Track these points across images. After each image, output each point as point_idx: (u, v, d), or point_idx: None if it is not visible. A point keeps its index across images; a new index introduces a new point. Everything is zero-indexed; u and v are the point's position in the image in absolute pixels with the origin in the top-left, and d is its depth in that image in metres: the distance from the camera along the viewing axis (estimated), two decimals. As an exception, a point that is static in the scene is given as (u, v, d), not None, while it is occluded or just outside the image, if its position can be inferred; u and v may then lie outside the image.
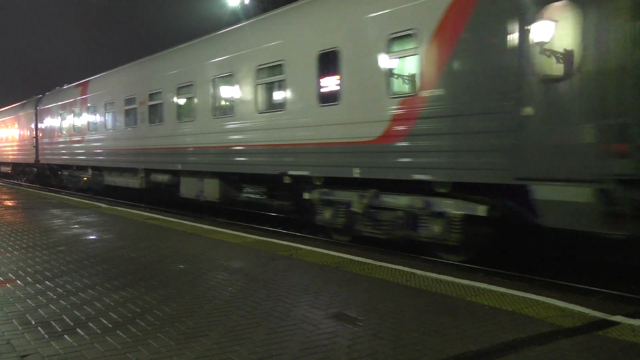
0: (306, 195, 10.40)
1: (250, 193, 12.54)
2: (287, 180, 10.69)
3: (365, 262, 6.72)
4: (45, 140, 25.01)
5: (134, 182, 16.99)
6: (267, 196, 12.00)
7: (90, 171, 20.47)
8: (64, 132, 22.53)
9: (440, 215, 8.00)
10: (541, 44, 6.59)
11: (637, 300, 6.28)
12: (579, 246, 7.83)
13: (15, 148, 30.10)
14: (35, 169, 27.55)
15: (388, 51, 8.50)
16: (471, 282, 5.69)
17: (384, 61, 8.61)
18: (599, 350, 3.73)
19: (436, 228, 8.04)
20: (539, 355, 3.63)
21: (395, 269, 6.35)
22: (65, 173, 23.32)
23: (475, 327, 4.20)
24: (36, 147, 26.00)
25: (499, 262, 8.25)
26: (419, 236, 8.37)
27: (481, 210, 7.53)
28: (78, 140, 21.06)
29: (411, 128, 8.14)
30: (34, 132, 26.36)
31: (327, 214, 10.02)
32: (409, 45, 8.26)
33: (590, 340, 3.93)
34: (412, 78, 8.51)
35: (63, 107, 22.75)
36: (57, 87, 25.68)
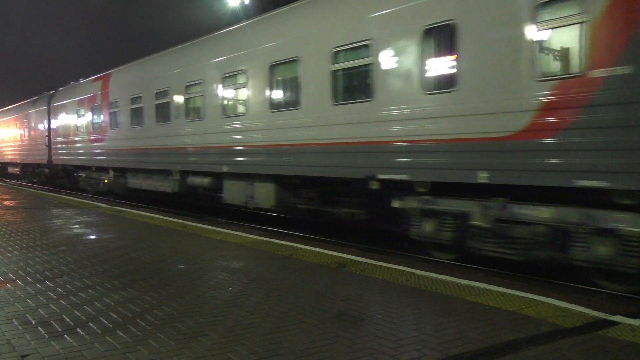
0: (396, 204, 8.57)
1: (315, 199, 10.67)
2: (374, 185, 8.79)
3: (365, 262, 6.72)
4: (59, 139, 22.92)
5: (164, 185, 14.88)
6: (335, 203, 10.21)
7: (111, 173, 18.46)
8: (82, 130, 20.47)
9: (607, 232, 6.21)
10: None
11: (637, 300, 6.27)
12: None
13: (25, 148, 28.03)
14: (46, 170, 25.75)
15: (535, 20, 6.57)
16: (471, 282, 5.69)
17: (529, 33, 6.65)
18: (599, 350, 3.73)
19: (602, 250, 6.30)
20: (539, 355, 3.63)
21: (395, 269, 6.36)
22: (82, 175, 21.36)
23: (475, 327, 4.20)
24: (49, 146, 24.04)
25: (499, 262, 8.24)
26: (572, 258, 6.62)
27: None
28: (98, 139, 19.00)
29: (574, 119, 6.26)
30: (47, 131, 24.41)
31: (427, 227, 8.19)
32: (570, 10, 6.37)
33: (590, 340, 3.93)
34: (574, 54, 6.60)
35: (80, 102, 20.61)
36: (71, 82, 23.95)
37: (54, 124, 23.66)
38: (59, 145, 23.13)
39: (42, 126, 25.16)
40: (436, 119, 7.71)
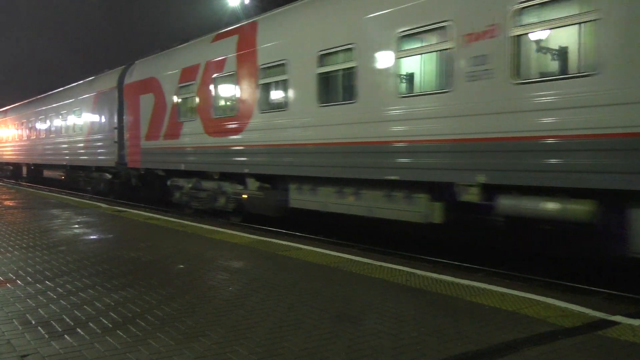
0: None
1: None
2: None
3: (365, 262, 6.72)
4: (141, 130, 15.48)
5: (405, 210, 8.29)
6: None
7: (253, 183, 11.46)
8: (190, 115, 13.33)
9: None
10: None
11: (637, 300, 6.28)
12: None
13: (77, 145, 20.31)
14: (108, 176, 18.51)
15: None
16: (471, 282, 5.69)
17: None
18: (599, 350, 3.73)
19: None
20: (539, 355, 3.63)
21: (395, 269, 6.36)
22: (187, 185, 13.80)
23: (475, 327, 4.20)
24: (119, 142, 16.85)
25: (499, 262, 8.25)
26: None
27: None
28: (233, 128, 11.68)
29: None
30: (116, 120, 17.13)
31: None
32: None
33: (590, 340, 3.93)
34: None
35: (188, 73, 13.30)
36: (157, 50, 16.50)
37: (130, 109, 16.28)
38: (137, 142, 15.73)
39: (107, 114, 17.84)
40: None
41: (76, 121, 20.66)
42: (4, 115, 32.88)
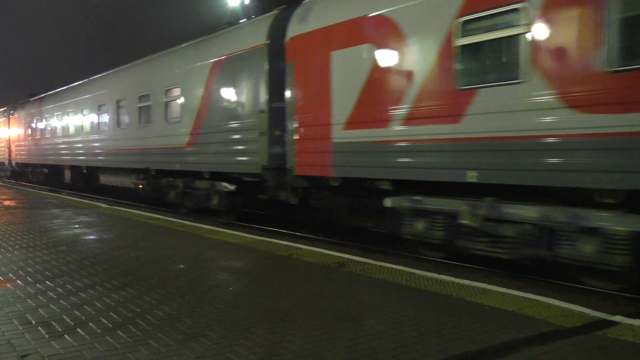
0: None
1: None
2: None
3: (365, 262, 6.72)
4: (330, 114, 9.21)
5: None
6: None
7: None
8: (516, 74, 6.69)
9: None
10: None
11: (637, 300, 6.28)
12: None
13: (176, 140, 13.49)
14: (228, 187, 12.20)
15: None
16: (471, 282, 5.69)
17: None
18: (598, 350, 3.73)
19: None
20: (539, 355, 3.63)
21: (395, 269, 6.36)
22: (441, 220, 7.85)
23: (475, 327, 4.20)
24: (270, 134, 10.60)
25: (499, 262, 8.24)
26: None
27: None
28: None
29: None
30: (262, 100, 10.73)
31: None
32: None
33: (590, 340, 3.93)
34: None
35: None
36: None
37: (304, 78, 9.75)
38: (327, 132, 9.27)
39: (243, 90, 11.31)
40: None
41: (174, 106, 13.85)
42: (38, 105, 25.31)
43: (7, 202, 15.62)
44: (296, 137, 9.83)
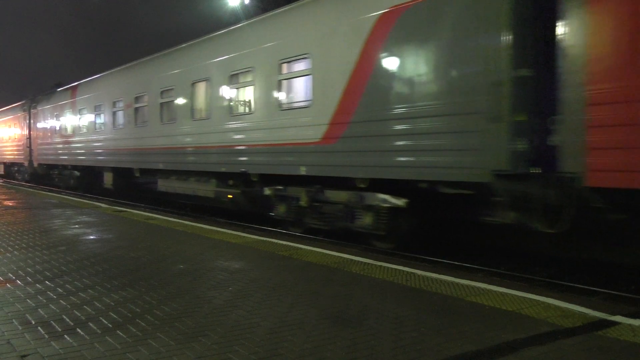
0: None
1: None
2: None
3: (365, 262, 6.72)
4: None
5: None
6: None
7: None
8: None
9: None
10: None
11: (637, 300, 6.28)
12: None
13: (303, 133, 9.91)
14: (387, 203, 8.70)
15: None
16: (471, 282, 5.69)
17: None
18: (599, 350, 3.73)
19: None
20: (539, 355, 3.62)
21: (395, 269, 6.36)
22: None
23: (475, 327, 4.20)
24: (513, 124, 6.68)
25: (499, 262, 8.25)
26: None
27: None
28: None
29: None
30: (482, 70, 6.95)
31: None
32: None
33: (590, 340, 3.93)
34: None
35: None
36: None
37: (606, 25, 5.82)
38: None
39: (446, 60, 7.48)
40: None
41: (296, 84, 10.66)
42: (70, 95, 21.24)
43: (7, 202, 15.62)
44: (590, 122, 5.93)
